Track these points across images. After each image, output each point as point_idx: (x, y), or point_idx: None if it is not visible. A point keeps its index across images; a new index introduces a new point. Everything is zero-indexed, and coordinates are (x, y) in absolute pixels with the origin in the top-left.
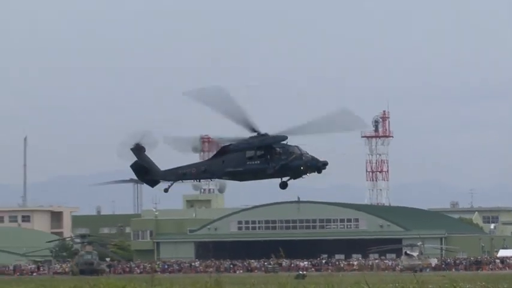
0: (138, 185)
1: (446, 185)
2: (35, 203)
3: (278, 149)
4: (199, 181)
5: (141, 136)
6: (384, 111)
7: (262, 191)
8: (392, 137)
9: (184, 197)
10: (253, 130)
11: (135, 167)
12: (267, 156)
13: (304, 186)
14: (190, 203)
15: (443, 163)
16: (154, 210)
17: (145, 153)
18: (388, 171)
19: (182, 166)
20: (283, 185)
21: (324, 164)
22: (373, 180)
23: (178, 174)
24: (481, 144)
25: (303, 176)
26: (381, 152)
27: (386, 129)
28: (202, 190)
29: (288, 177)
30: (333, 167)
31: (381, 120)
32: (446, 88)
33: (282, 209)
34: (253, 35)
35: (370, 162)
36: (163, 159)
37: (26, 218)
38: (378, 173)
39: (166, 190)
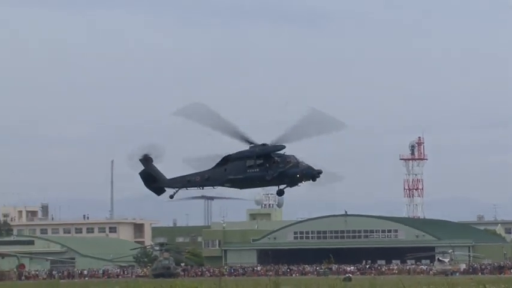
0: (208, 200)
1: (473, 201)
2: (121, 216)
3: (276, 158)
4: (203, 188)
5: (148, 148)
6: (419, 138)
7: (314, 206)
8: (426, 159)
9: (248, 211)
10: (249, 142)
11: (143, 175)
12: (265, 165)
13: (351, 202)
14: (253, 216)
15: (471, 182)
16: (222, 222)
17: (153, 163)
18: (422, 188)
19: (187, 174)
20: (280, 192)
21: (319, 173)
22: (410, 196)
23: (183, 182)
24: (503, 165)
25: (299, 184)
26: (417, 172)
27: (421, 153)
28: (263, 205)
29: (284, 185)
30: (376, 186)
31: (416, 145)
32: (473, 116)
33: (332, 221)
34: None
35: (407, 181)
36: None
37: (112, 229)
38: (414, 190)
39: (171, 197)
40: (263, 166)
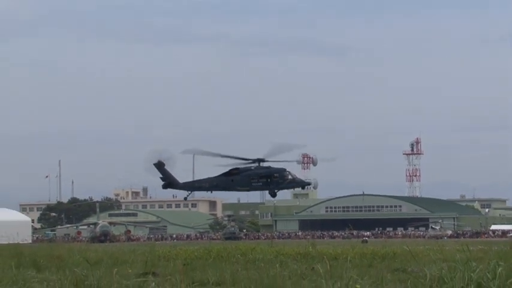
0: None
1: (457, 184)
2: (200, 195)
3: (276, 175)
4: (212, 192)
5: (162, 154)
6: (417, 138)
7: (340, 189)
8: (423, 154)
9: (292, 191)
10: (245, 159)
11: (164, 186)
12: (267, 180)
13: (367, 185)
14: (296, 195)
15: (456, 170)
16: (273, 200)
17: (165, 167)
18: (420, 175)
19: (198, 180)
20: (274, 194)
21: (308, 184)
22: (410, 181)
23: (194, 187)
24: (480, 158)
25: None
26: (415, 163)
27: (419, 149)
28: None
29: (278, 190)
30: (386, 174)
31: (415, 143)
32: (458, 122)
33: (353, 199)
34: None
35: (408, 170)
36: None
37: (193, 205)
38: (413, 176)
39: (185, 198)
40: (265, 179)
